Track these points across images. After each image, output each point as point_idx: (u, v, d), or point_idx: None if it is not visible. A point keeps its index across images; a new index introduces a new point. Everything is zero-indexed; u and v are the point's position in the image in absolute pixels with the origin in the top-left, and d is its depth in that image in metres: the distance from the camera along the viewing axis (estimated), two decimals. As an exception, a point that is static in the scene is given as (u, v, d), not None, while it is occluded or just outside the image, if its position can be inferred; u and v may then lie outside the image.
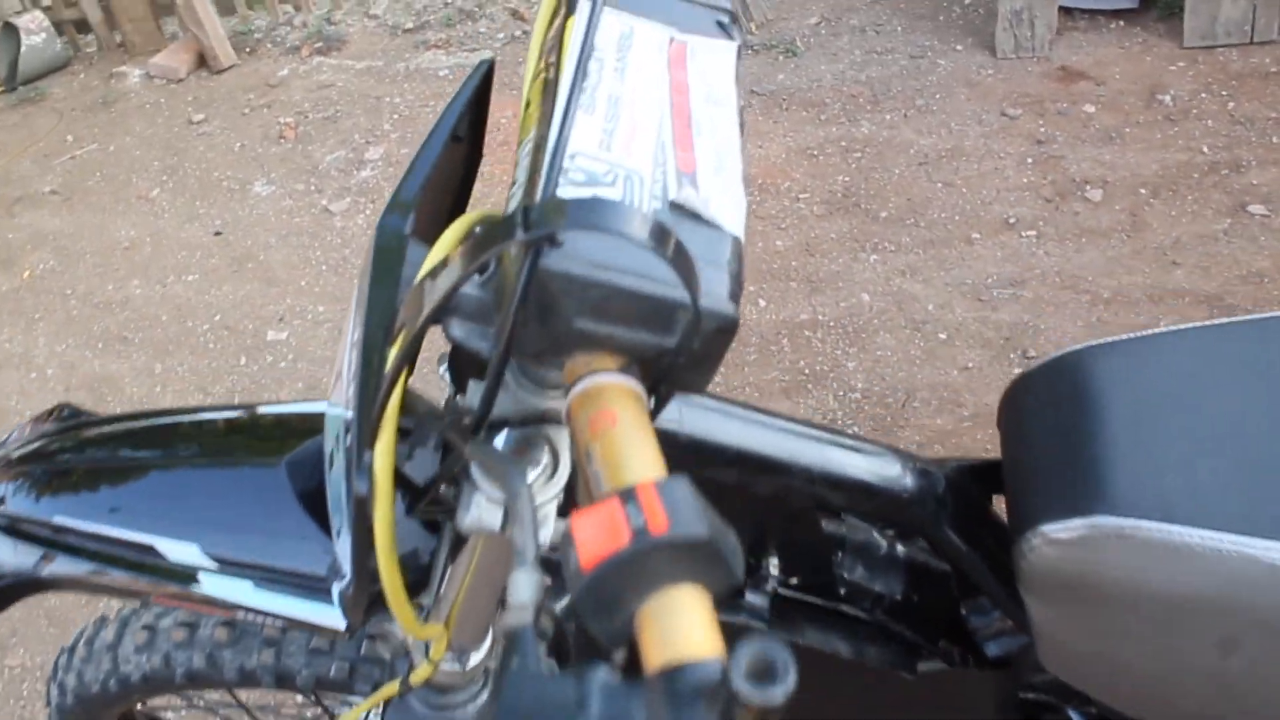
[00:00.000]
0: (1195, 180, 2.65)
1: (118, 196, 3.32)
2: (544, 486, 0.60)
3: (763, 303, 2.52)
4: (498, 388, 0.50)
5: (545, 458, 0.60)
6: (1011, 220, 2.63)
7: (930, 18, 3.47)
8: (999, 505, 0.91)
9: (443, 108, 0.74)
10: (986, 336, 2.35)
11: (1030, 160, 2.81)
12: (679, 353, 0.50)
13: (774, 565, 0.87)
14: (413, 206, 0.66)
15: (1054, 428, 0.78)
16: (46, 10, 4.15)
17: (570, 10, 0.62)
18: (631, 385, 0.49)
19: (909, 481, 0.83)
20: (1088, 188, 2.68)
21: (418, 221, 0.69)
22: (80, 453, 0.94)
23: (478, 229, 0.67)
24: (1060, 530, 0.72)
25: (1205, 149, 2.73)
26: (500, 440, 0.60)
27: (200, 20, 3.81)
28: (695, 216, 0.53)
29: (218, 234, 3.07)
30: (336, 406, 0.69)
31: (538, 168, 0.53)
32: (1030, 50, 3.16)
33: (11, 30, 3.98)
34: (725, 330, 0.50)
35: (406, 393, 0.76)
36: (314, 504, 0.84)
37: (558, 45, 0.61)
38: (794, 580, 0.89)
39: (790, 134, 3.07)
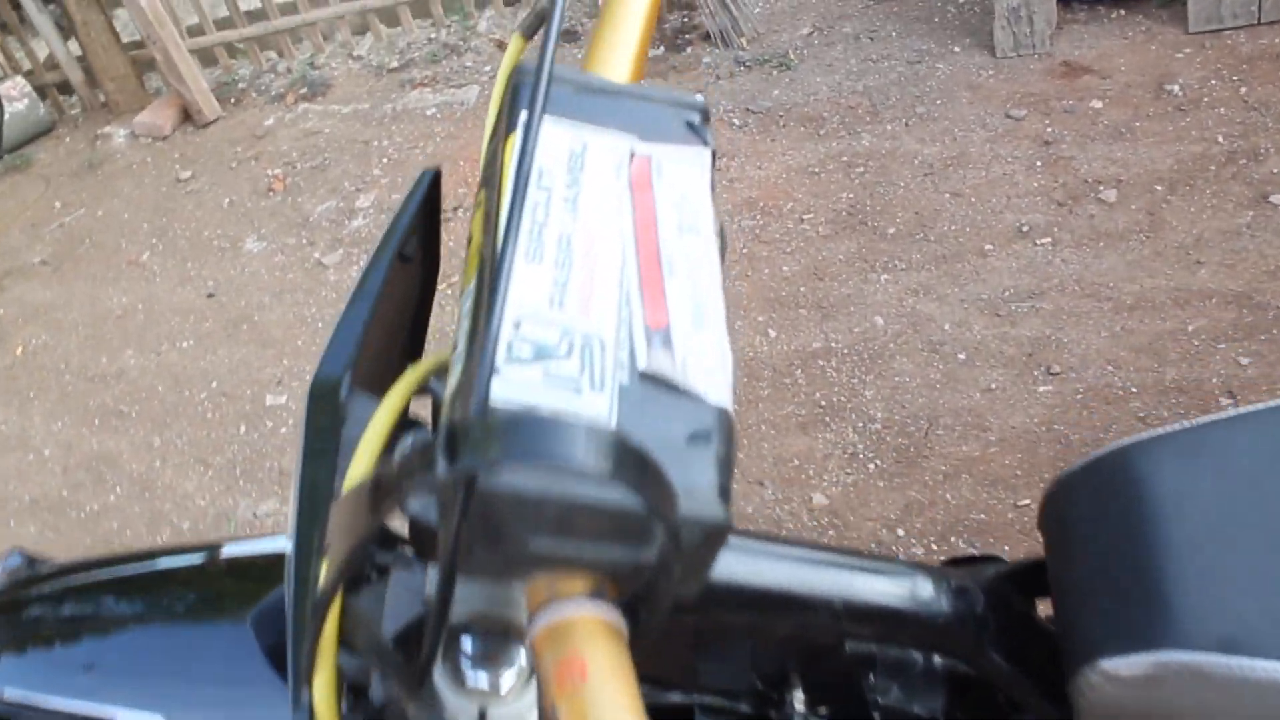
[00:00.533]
0: (1212, 172, 2.54)
1: (108, 263, 3.26)
2: (521, 691, 0.51)
3: (773, 333, 2.43)
4: (442, 631, 0.41)
5: (520, 659, 0.51)
6: (1024, 228, 2.53)
7: (925, 20, 3.37)
8: (1043, 603, 0.82)
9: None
10: (1008, 354, 2.25)
11: (1039, 163, 2.70)
12: (660, 569, 0.41)
13: (799, 699, 0.78)
14: (351, 362, 0.57)
15: (1106, 540, 0.69)
16: (28, 75, 4.11)
17: (511, 127, 0.52)
18: (604, 615, 0.41)
19: (944, 604, 0.74)
20: (1101, 188, 2.58)
21: (362, 368, 0.60)
22: (33, 611, 0.87)
23: (431, 379, 0.59)
24: (1122, 666, 0.63)
25: (1220, 139, 2.62)
26: (467, 643, 0.51)
27: (182, 75, 3.75)
28: (670, 387, 0.44)
29: (210, 296, 3.01)
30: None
31: (476, 338, 0.44)
32: (1030, 47, 3.06)
33: (-7, 99, 3.94)
34: (715, 536, 0.41)
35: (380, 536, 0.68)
36: (283, 658, 0.77)
37: (498, 171, 0.51)
38: (822, 710, 0.80)
39: (789, 152, 2.98)
